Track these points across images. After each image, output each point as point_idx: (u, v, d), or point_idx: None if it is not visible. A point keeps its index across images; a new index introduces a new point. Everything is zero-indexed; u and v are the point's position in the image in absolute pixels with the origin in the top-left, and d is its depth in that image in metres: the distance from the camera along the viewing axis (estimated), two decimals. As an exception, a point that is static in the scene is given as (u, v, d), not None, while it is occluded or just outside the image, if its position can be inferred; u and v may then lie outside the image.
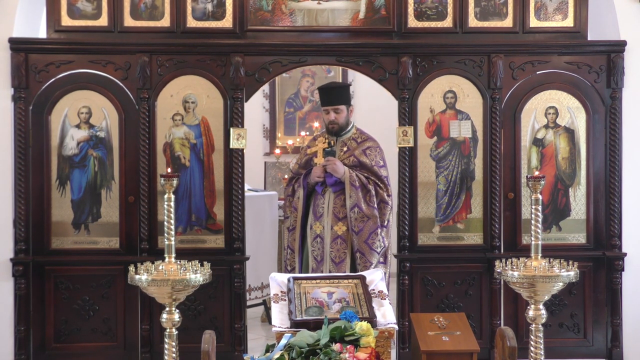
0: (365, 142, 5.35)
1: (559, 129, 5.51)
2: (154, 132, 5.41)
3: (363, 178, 5.19)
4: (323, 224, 5.20)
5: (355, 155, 5.26)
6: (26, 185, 5.31)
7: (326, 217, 5.20)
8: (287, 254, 5.35)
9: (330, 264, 5.15)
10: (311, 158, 5.33)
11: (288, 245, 5.34)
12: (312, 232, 5.24)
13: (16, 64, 5.28)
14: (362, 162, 5.25)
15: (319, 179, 5.19)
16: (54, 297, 5.39)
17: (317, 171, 5.19)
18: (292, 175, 5.49)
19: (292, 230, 5.30)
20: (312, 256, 5.21)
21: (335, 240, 5.16)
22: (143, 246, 5.37)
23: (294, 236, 5.29)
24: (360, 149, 5.30)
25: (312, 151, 5.35)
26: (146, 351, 5.38)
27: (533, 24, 5.54)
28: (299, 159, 5.47)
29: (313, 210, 5.26)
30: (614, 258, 5.46)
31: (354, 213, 5.14)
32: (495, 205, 5.45)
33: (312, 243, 5.23)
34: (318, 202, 5.23)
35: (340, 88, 5.47)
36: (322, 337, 3.54)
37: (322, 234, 5.20)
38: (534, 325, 3.50)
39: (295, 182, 5.37)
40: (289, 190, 5.40)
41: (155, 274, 3.33)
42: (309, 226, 5.26)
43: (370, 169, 5.24)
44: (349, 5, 5.55)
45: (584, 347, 5.52)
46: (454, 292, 5.51)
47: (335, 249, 5.15)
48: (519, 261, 3.47)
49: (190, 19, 5.48)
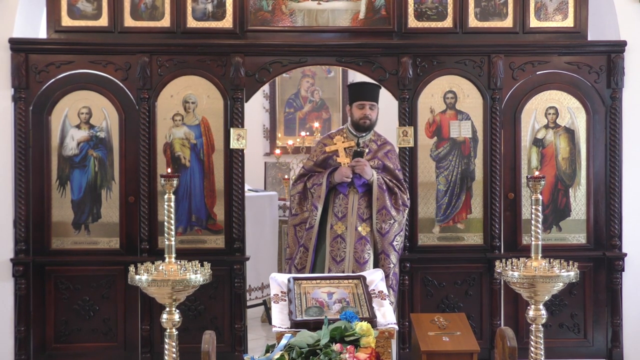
0: (385, 145, 5.30)
1: (559, 129, 5.51)
2: (154, 132, 5.41)
3: (389, 181, 5.16)
4: (346, 224, 5.14)
5: (379, 158, 5.19)
6: (26, 185, 5.31)
7: (350, 217, 5.15)
8: (298, 252, 5.17)
9: (354, 264, 5.11)
10: (330, 157, 5.20)
11: (302, 244, 5.15)
12: (333, 232, 5.14)
13: (16, 64, 5.28)
14: (386, 165, 5.19)
15: (347, 179, 5.09)
16: (54, 298, 5.39)
17: (347, 171, 5.07)
18: (304, 171, 5.30)
19: (310, 229, 5.12)
20: (331, 256, 5.13)
21: (360, 241, 5.12)
22: (143, 246, 5.37)
23: (310, 235, 5.12)
24: (382, 152, 5.24)
25: (331, 149, 5.22)
26: (146, 351, 5.38)
27: (533, 24, 5.54)
28: (314, 156, 5.29)
29: (334, 210, 5.19)
30: (614, 258, 5.46)
31: (381, 215, 5.09)
32: (495, 205, 5.45)
33: (331, 243, 5.14)
34: (341, 202, 5.14)
35: (377, 86, 5.36)
36: (322, 338, 3.54)
37: (343, 235, 5.14)
38: (534, 325, 3.50)
39: (308, 179, 5.22)
40: (300, 187, 5.23)
41: (155, 274, 3.33)
42: (329, 226, 5.16)
43: (392, 173, 5.21)
44: (349, 6, 5.55)
45: (584, 348, 5.52)
46: (454, 293, 5.51)
47: (360, 249, 5.10)
48: (519, 261, 3.47)
49: (190, 19, 5.48)
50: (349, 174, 5.06)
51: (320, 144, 5.33)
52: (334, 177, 5.09)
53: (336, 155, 5.18)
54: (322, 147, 5.28)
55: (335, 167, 5.13)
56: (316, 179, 5.18)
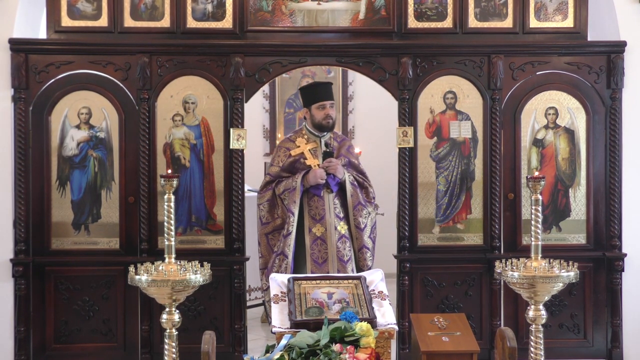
0: (345, 141, 5.47)
1: (559, 130, 5.51)
2: (154, 132, 5.41)
3: (357, 176, 5.29)
4: (325, 226, 5.18)
5: (344, 155, 5.31)
6: (26, 185, 5.31)
7: (328, 218, 5.19)
8: (277, 260, 5.13)
9: (338, 263, 5.13)
10: (297, 160, 5.21)
11: (281, 252, 5.11)
12: (312, 235, 5.19)
13: (16, 65, 5.28)
14: (351, 161, 5.34)
15: (322, 180, 5.14)
16: (54, 298, 5.38)
17: (321, 173, 5.12)
18: (270, 178, 5.27)
19: (288, 235, 5.11)
20: (312, 259, 5.17)
21: (341, 240, 5.17)
22: (143, 247, 5.37)
23: (289, 241, 5.11)
24: (344, 148, 5.37)
25: (296, 152, 5.23)
26: (146, 352, 5.38)
27: (533, 25, 5.54)
28: (278, 162, 5.27)
29: (310, 213, 5.21)
30: (614, 258, 5.46)
31: (357, 211, 5.19)
32: (495, 205, 5.45)
33: (311, 246, 5.18)
34: (317, 205, 5.19)
35: (330, 84, 5.46)
36: (322, 338, 3.54)
37: (323, 236, 5.17)
38: (534, 325, 3.50)
39: (276, 185, 5.21)
40: (268, 195, 5.22)
41: (155, 274, 3.34)
42: (307, 229, 5.19)
43: (357, 168, 5.35)
44: (349, 6, 5.55)
45: (584, 348, 5.52)
46: (454, 293, 5.51)
47: (341, 247, 5.15)
48: (519, 262, 3.48)
49: (190, 20, 5.48)
50: (323, 175, 5.13)
51: (283, 149, 5.33)
52: (308, 179, 5.13)
53: (303, 158, 5.21)
54: (285, 151, 5.30)
55: (305, 170, 5.15)
56: (287, 183, 5.18)
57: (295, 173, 5.20)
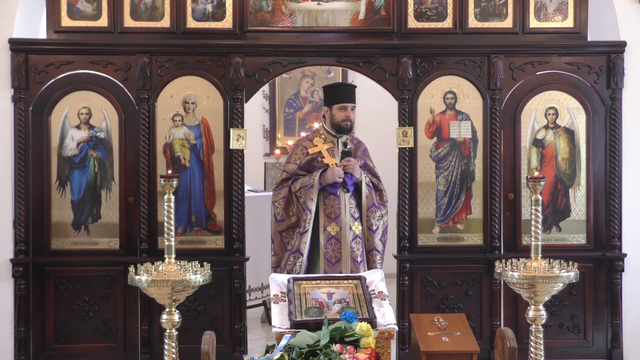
0: (360, 144, 5.44)
1: (559, 130, 5.51)
2: (154, 132, 5.41)
3: (373, 178, 5.27)
4: (340, 225, 5.16)
5: (360, 157, 5.28)
6: (26, 186, 5.31)
7: (343, 217, 5.17)
8: (292, 258, 5.11)
9: (351, 263, 5.13)
10: (314, 158, 5.22)
11: (297, 250, 5.09)
12: (327, 234, 5.16)
13: (16, 65, 5.28)
14: (367, 164, 5.31)
15: (340, 179, 5.12)
16: (54, 298, 5.38)
17: (339, 172, 5.10)
18: (286, 176, 5.25)
19: (305, 233, 5.09)
20: (325, 258, 5.14)
21: (355, 240, 5.16)
22: (143, 247, 5.37)
23: (305, 239, 5.09)
24: (360, 150, 5.35)
25: (314, 151, 5.24)
26: (146, 352, 5.38)
27: (533, 25, 5.54)
28: (295, 159, 5.28)
29: (325, 212, 5.19)
30: (614, 259, 5.46)
31: (371, 212, 5.18)
32: (495, 205, 5.45)
33: (325, 245, 5.15)
34: (332, 203, 5.16)
35: (355, 87, 5.41)
36: (322, 338, 3.54)
37: (338, 235, 5.16)
38: (534, 326, 3.49)
39: (292, 183, 5.20)
40: (284, 192, 5.21)
41: (155, 274, 3.33)
42: (322, 228, 5.18)
43: (372, 171, 5.32)
44: (348, 6, 5.55)
45: (584, 348, 5.52)
46: (454, 293, 5.51)
47: (355, 248, 5.15)
48: (518, 262, 3.47)
49: (190, 20, 5.48)
50: (341, 174, 5.12)
51: (300, 147, 5.33)
52: (326, 177, 5.11)
53: (320, 157, 5.21)
54: (302, 149, 5.30)
55: (323, 168, 5.14)
56: (303, 181, 5.17)
57: (312, 172, 5.19)
